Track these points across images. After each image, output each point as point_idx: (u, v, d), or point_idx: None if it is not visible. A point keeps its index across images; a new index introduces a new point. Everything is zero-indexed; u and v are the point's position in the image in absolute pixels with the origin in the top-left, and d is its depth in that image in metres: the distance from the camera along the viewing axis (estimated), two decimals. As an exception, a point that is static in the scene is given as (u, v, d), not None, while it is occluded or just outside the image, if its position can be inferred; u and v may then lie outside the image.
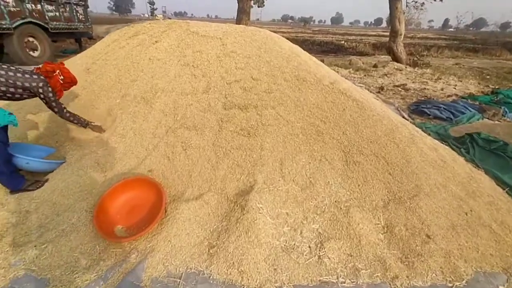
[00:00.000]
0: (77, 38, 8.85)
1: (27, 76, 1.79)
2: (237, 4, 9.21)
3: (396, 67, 8.10)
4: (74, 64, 3.70)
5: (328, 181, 1.89)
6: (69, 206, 1.85)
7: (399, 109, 4.36)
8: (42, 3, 6.77)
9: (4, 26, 5.88)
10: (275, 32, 3.68)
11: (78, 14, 8.16)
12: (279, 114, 2.27)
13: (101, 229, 1.56)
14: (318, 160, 1.98)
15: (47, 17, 6.97)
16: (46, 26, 6.96)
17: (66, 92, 3.00)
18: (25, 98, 1.85)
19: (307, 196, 1.82)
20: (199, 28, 3.32)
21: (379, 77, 7.05)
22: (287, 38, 3.67)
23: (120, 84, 2.90)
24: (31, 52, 6.76)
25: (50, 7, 7.05)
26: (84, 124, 2.11)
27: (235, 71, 2.62)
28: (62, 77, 1.99)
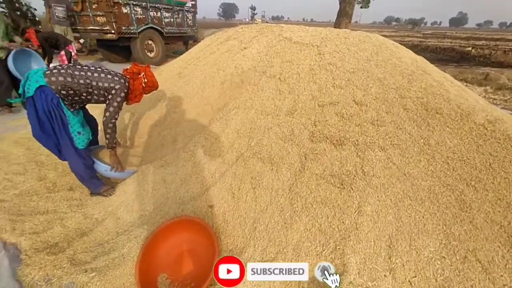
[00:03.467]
0: (185, 41, 9.98)
1: (108, 76, 1.74)
2: (336, 6, 8.40)
3: None
4: (170, 67, 3.88)
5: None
6: (128, 227, 1.71)
7: None
8: (161, 11, 7.80)
9: (132, 31, 7.02)
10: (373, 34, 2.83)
11: (188, 19, 9.11)
12: (391, 160, 1.55)
13: (143, 276, 1.30)
14: (461, 257, 1.18)
15: (163, 23, 8.01)
16: (162, 30, 8.00)
17: (152, 96, 3.10)
18: (101, 102, 1.80)
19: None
20: (293, 34, 2.86)
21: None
22: (407, 46, 2.76)
23: (202, 92, 2.75)
24: (148, 53, 7.90)
25: (167, 14, 8.07)
26: (110, 145, 1.88)
27: (331, 89, 2.02)
28: (145, 80, 1.88)
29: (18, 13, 10.82)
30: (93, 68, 1.73)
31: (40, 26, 8.13)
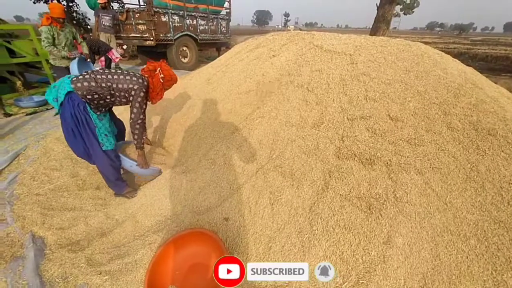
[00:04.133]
0: (217, 47, 10.28)
1: (127, 78, 1.78)
2: (373, 11, 8.01)
3: None
4: (201, 73, 3.97)
5: None
6: (145, 232, 1.72)
7: None
8: (197, 19, 8.13)
9: (169, 38, 7.40)
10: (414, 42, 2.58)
11: (222, 27, 9.38)
12: (430, 186, 1.36)
13: (151, 287, 1.27)
14: (516, 316, 0.97)
15: (198, 30, 8.33)
16: (196, 37, 8.32)
17: (180, 101, 3.17)
18: (124, 103, 1.86)
19: None
20: (324, 41, 2.74)
21: None
22: (453, 56, 2.48)
23: (228, 100, 2.74)
24: (182, 59, 8.25)
25: (202, 22, 8.39)
26: (138, 146, 1.91)
27: (363, 102, 1.87)
28: (162, 75, 1.89)
29: (74, 22, 12.11)
30: (113, 71, 1.80)
31: (91, 34, 8.98)
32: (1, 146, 2.83)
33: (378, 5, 7.40)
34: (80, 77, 1.68)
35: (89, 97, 1.67)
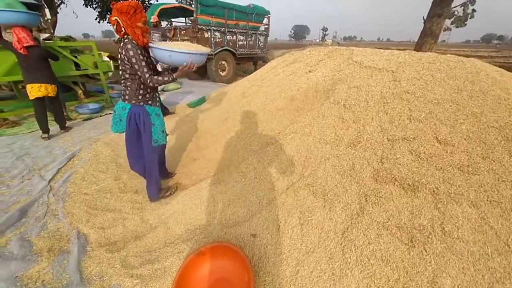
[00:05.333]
0: (254, 61, 10.60)
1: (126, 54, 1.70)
2: (418, 23, 7.53)
3: None
4: (236, 87, 4.10)
5: None
6: (175, 239, 1.78)
7: None
8: (237, 35, 8.52)
9: (210, 53, 7.85)
10: (466, 57, 2.33)
11: (260, 42, 9.69)
12: (487, 222, 1.19)
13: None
14: None
15: (237, 45, 8.71)
16: (235, 52, 8.70)
17: (216, 113, 3.26)
18: (131, 72, 1.78)
19: None
20: (364, 57, 2.65)
21: None
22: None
23: (262, 114, 2.77)
24: (220, 72, 8.66)
25: (241, 37, 8.77)
26: (173, 79, 1.79)
27: (406, 122, 1.74)
28: (116, 18, 1.67)
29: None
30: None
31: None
32: (61, 147, 3.21)
33: (425, 18, 6.98)
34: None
35: (141, 92, 1.83)
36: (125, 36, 1.73)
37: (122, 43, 1.74)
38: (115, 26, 1.71)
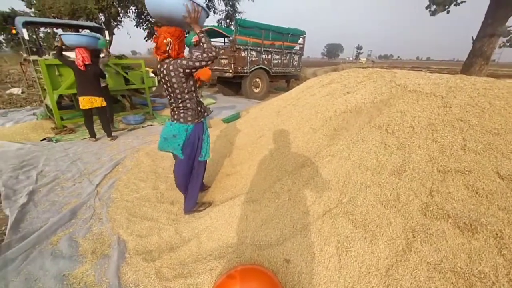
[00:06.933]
0: (287, 79, 10.76)
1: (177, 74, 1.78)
2: (465, 42, 7.03)
3: None
4: (271, 105, 4.16)
5: None
6: (207, 255, 1.78)
7: None
8: (272, 54, 8.77)
9: (245, 71, 8.16)
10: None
11: (294, 60, 9.85)
12: None
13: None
14: None
15: (272, 64, 8.95)
16: (269, 70, 8.93)
17: (251, 130, 3.31)
18: (181, 84, 1.84)
19: None
20: (409, 80, 2.54)
21: None
22: None
23: (297, 134, 2.76)
24: (254, 89, 8.91)
25: (276, 57, 9.01)
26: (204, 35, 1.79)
27: (460, 153, 1.59)
28: (165, 40, 1.76)
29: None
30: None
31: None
32: (108, 155, 3.50)
33: (474, 38, 6.55)
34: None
35: (189, 106, 1.89)
36: (168, 58, 1.79)
37: (165, 66, 1.76)
38: (167, 47, 1.82)
